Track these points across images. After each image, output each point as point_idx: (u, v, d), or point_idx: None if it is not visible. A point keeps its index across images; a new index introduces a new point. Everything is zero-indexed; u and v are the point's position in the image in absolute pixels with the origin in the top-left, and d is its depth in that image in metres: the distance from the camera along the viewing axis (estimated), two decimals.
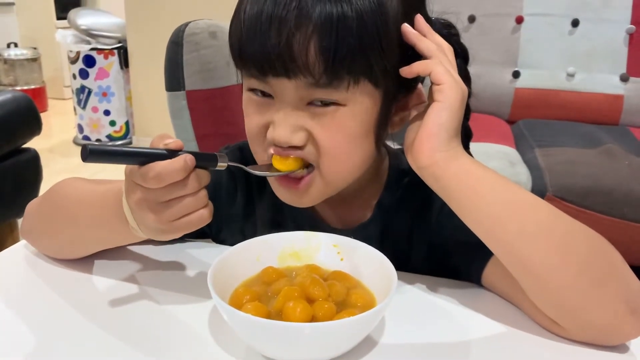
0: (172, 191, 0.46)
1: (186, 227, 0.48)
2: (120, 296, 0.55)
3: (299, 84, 0.51)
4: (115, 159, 0.46)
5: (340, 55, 0.49)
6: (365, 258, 0.53)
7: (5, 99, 1.65)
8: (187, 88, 1.20)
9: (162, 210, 0.47)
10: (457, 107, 0.51)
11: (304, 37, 0.48)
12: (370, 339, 0.48)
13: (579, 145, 1.48)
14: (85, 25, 3.27)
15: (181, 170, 0.45)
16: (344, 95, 0.51)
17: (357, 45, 0.49)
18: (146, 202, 0.47)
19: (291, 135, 0.53)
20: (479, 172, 0.51)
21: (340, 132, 0.53)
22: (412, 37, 0.53)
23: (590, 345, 0.49)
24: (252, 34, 0.50)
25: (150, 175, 0.45)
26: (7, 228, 1.78)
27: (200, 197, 0.48)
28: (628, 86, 1.77)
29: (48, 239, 0.62)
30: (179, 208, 0.47)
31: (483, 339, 0.50)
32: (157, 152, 0.46)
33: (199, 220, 0.48)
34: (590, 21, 1.77)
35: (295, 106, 0.53)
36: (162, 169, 0.45)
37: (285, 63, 0.49)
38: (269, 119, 0.54)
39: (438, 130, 0.51)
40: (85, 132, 3.39)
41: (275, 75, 0.51)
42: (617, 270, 0.49)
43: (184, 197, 0.47)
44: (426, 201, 0.62)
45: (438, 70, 0.51)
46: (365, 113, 0.54)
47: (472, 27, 1.84)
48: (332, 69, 0.49)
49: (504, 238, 0.50)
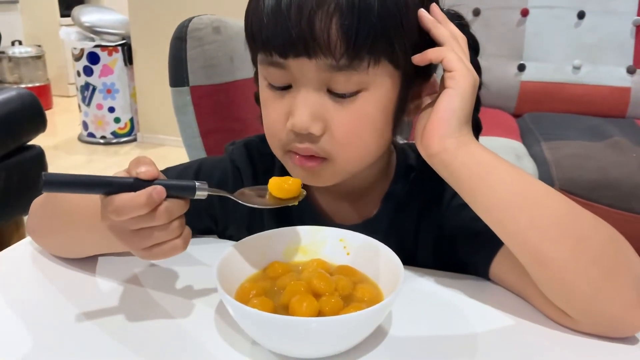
0: (139, 222, 0.45)
1: (160, 255, 0.47)
2: (126, 292, 0.55)
3: (319, 65, 0.50)
4: (75, 188, 0.44)
5: (362, 35, 0.49)
6: (372, 252, 0.52)
7: (10, 97, 1.65)
8: (191, 84, 1.19)
9: (131, 238, 0.46)
10: (469, 95, 0.51)
11: (326, 16, 0.48)
12: (378, 333, 0.48)
13: (585, 138, 1.47)
14: (89, 23, 3.27)
15: (144, 206, 0.43)
16: (364, 77, 0.51)
17: (379, 25, 0.49)
18: (116, 229, 0.46)
19: (311, 122, 0.52)
20: (489, 160, 0.51)
21: (361, 118, 0.53)
22: (428, 22, 0.53)
23: (600, 337, 0.49)
24: (274, 16, 0.50)
25: (109, 209, 0.44)
26: (13, 225, 1.79)
27: (171, 229, 0.46)
28: (635, 78, 1.75)
29: (51, 239, 0.62)
30: (148, 239, 0.46)
31: (491, 331, 0.50)
32: (123, 182, 0.44)
33: (172, 250, 0.47)
34: (596, 13, 1.76)
35: (315, 88, 0.52)
36: (122, 203, 0.43)
37: (307, 42, 0.49)
38: (288, 106, 0.53)
39: (449, 117, 0.51)
40: (90, 129, 3.40)
41: (297, 56, 0.50)
42: (628, 261, 0.48)
43: (152, 229, 0.45)
44: (433, 196, 0.62)
45: (451, 58, 0.51)
46: (386, 97, 0.54)
47: (477, 20, 1.83)
48: (354, 49, 0.49)
49: (514, 228, 0.49)
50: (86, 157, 3.23)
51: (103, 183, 0.44)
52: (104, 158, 3.19)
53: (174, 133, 1.37)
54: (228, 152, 0.69)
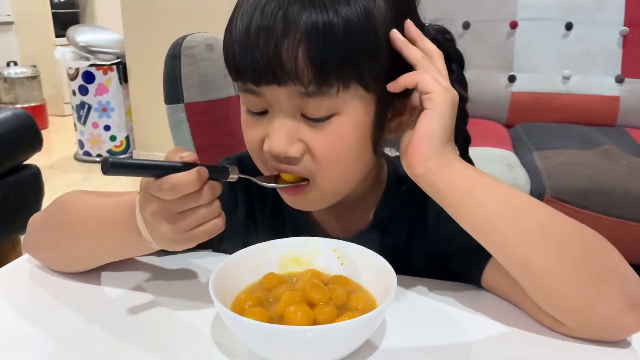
0: (187, 202, 0.48)
1: (201, 236, 0.50)
2: (123, 306, 0.56)
3: (290, 92, 0.51)
4: (133, 171, 0.48)
5: (328, 62, 0.49)
6: (365, 262, 0.53)
7: (7, 117, 1.66)
8: (185, 100, 1.21)
9: (177, 220, 0.49)
10: (448, 113, 0.52)
11: (292, 44, 0.49)
12: (371, 343, 0.49)
13: (576, 146, 1.49)
14: (84, 42, 3.29)
15: (195, 182, 0.47)
16: (334, 101, 0.52)
17: (345, 51, 0.50)
18: (162, 213, 0.49)
19: (288, 145, 0.53)
20: (473, 176, 0.52)
21: (338, 141, 0.54)
22: (399, 44, 0.53)
23: (592, 342, 0.49)
24: (244, 46, 0.51)
25: (166, 187, 0.46)
26: (9, 245, 1.78)
27: (214, 207, 0.49)
28: (623, 87, 1.78)
29: (53, 253, 0.63)
30: (194, 218, 0.49)
31: (484, 339, 0.51)
32: (172, 165, 0.47)
33: (213, 229, 0.50)
34: (584, 24, 1.79)
35: (290, 115, 0.53)
36: (177, 180, 0.46)
37: (275, 70, 0.50)
38: (265, 131, 0.55)
39: (430, 138, 0.51)
40: (85, 147, 3.41)
41: (267, 83, 0.52)
42: (615, 266, 0.49)
43: (198, 208, 0.48)
44: (424, 208, 0.62)
45: (425, 80, 0.51)
46: (360, 119, 0.54)
47: (467, 33, 1.85)
48: (321, 75, 0.50)
49: (500, 240, 0.50)
50: (82, 175, 3.23)
51: (156, 166, 0.47)
52: (100, 176, 3.16)
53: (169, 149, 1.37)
54: None
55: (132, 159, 0.48)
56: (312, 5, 0.49)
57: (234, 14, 0.54)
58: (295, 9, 0.49)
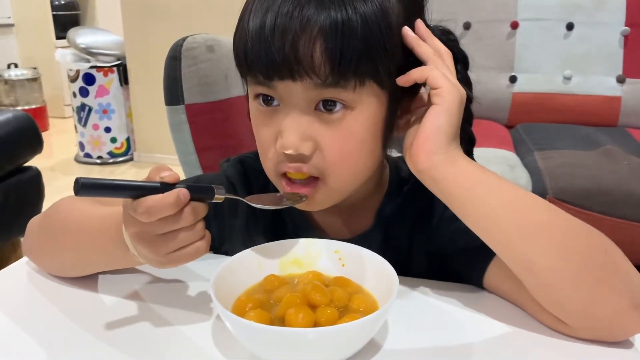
0: (166, 225, 0.46)
1: (183, 259, 0.48)
2: (123, 309, 0.56)
3: (305, 86, 0.51)
4: (107, 192, 0.45)
5: (346, 58, 0.49)
6: (367, 263, 0.53)
7: (7, 119, 1.66)
8: (186, 102, 1.21)
9: (157, 243, 0.47)
10: (455, 110, 0.52)
11: (309, 39, 0.49)
12: (374, 344, 0.49)
13: (578, 147, 1.49)
14: (84, 44, 3.30)
15: (172, 206, 0.45)
16: (351, 96, 0.52)
17: (363, 48, 0.50)
18: (142, 235, 0.47)
19: (300, 142, 0.53)
20: (477, 174, 0.52)
21: (350, 137, 0.54)
22: (411, 40, 0.53)
23: (595, 342, 0.49)
24: (258, 41, 0.51)
25: (140, 210, 0.45)
26: (10, 246, 1.79)
27: (196, 230, 0.48)
28: (625, 87, 1.77)
29: (49, 259, 0.62)
30: (175, 242, 0.47)
31: (486, 340, 0.51)
32: (150, 186, 0.45)
33: (196, 252, 0.48)
34: (585, 24, 1.78)
35: (303, 110, 0.53)
36: (153, 203, 0.44)
37: (291, 65, 0.50)
38: (277, 127, 0.54)
39: (436, 133, 0.51)
40: (86, 149, 3.41)
41: (281, 78, 0.51)
42: (618, 266, 0.49)
43: (178, 231, 0.47)
44: (426, 209, 0.62)
45: (435, 75, 0.52)
46: (373, 116, 0.54)
47: (468, 33, 1.85)
48: (339, 70, 0.50)
49: (503, 238, 0.50)
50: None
51: (132, 187, 0.45)
52: None
53: (170, 151, 1.37)
54: (223, 168, 0.70)
55: (107, 180, 0.45)
56: (331, 1, 0.49)
57: (244, 12, 0.53)
58: (313, 5, 0.49)
